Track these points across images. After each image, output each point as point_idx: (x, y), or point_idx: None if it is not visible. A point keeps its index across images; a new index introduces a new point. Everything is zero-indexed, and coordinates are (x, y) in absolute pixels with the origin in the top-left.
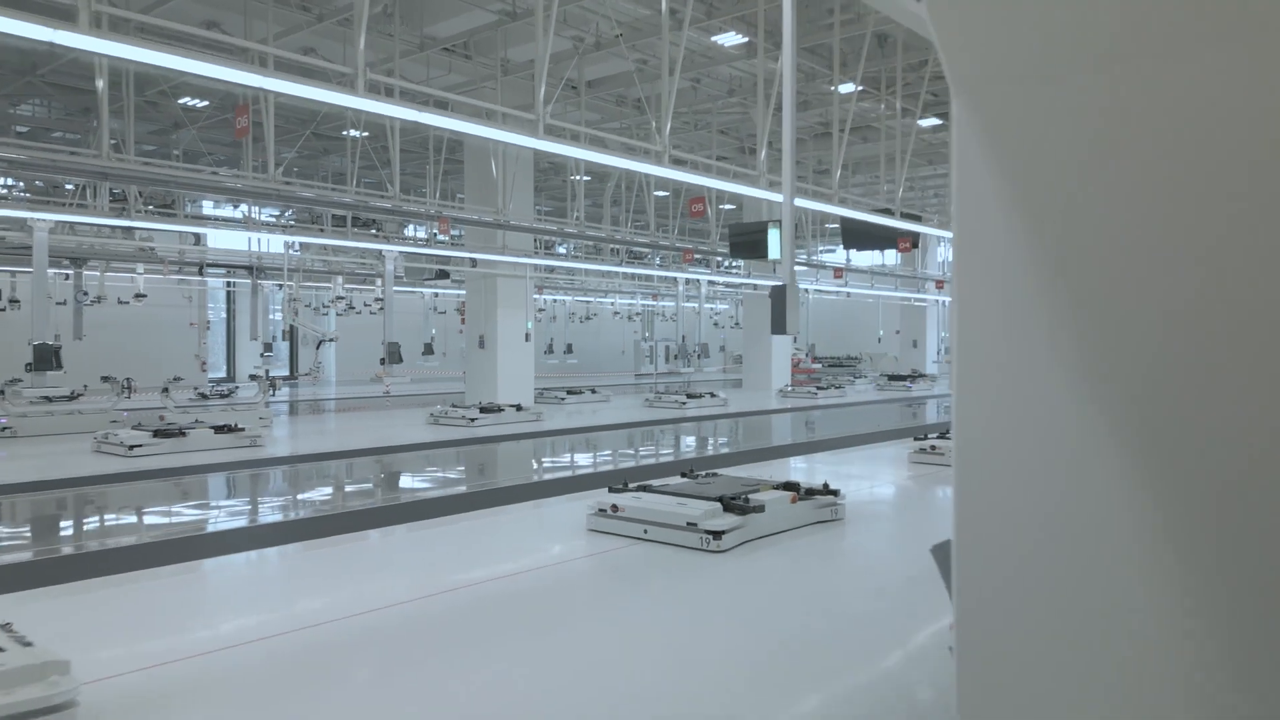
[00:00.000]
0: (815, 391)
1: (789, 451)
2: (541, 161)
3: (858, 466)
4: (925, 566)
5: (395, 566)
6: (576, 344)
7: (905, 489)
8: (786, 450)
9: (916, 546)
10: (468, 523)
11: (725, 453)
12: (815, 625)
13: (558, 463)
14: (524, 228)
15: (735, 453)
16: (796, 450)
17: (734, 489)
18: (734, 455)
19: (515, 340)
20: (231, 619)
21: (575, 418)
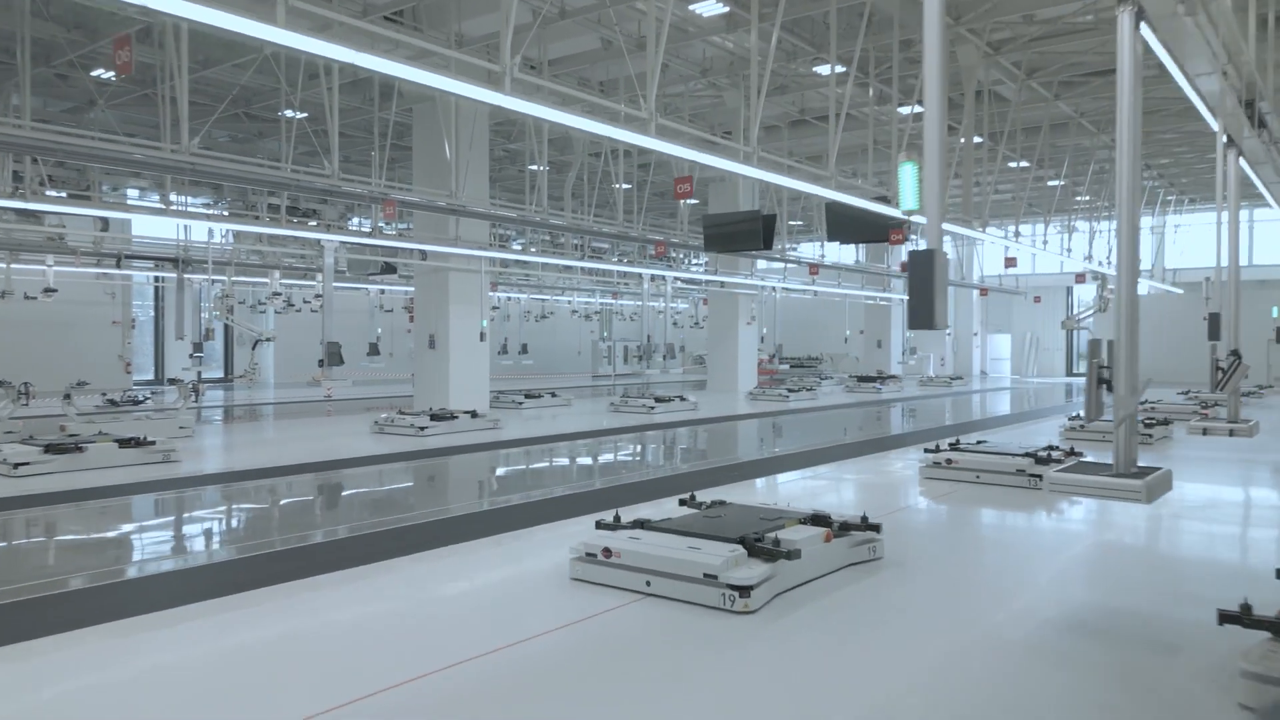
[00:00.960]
0: (786, 394)
1: (784, 465)
2: (496, 150)
3: (867, 483)
4: (1023, 638)
5: (289, 656)
6: (531, 344)
7: (935, 515)
8: (781, 463)
9: (991, 604)
10: (410, 569)
11: (714, 465)
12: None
13: (524, 482)
14: (479, 213)
15: (725, 466)
16: (791, 463)
17: (752, 523)
18: (726, 469)
19: (469, 340)
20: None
21: (537, 425)
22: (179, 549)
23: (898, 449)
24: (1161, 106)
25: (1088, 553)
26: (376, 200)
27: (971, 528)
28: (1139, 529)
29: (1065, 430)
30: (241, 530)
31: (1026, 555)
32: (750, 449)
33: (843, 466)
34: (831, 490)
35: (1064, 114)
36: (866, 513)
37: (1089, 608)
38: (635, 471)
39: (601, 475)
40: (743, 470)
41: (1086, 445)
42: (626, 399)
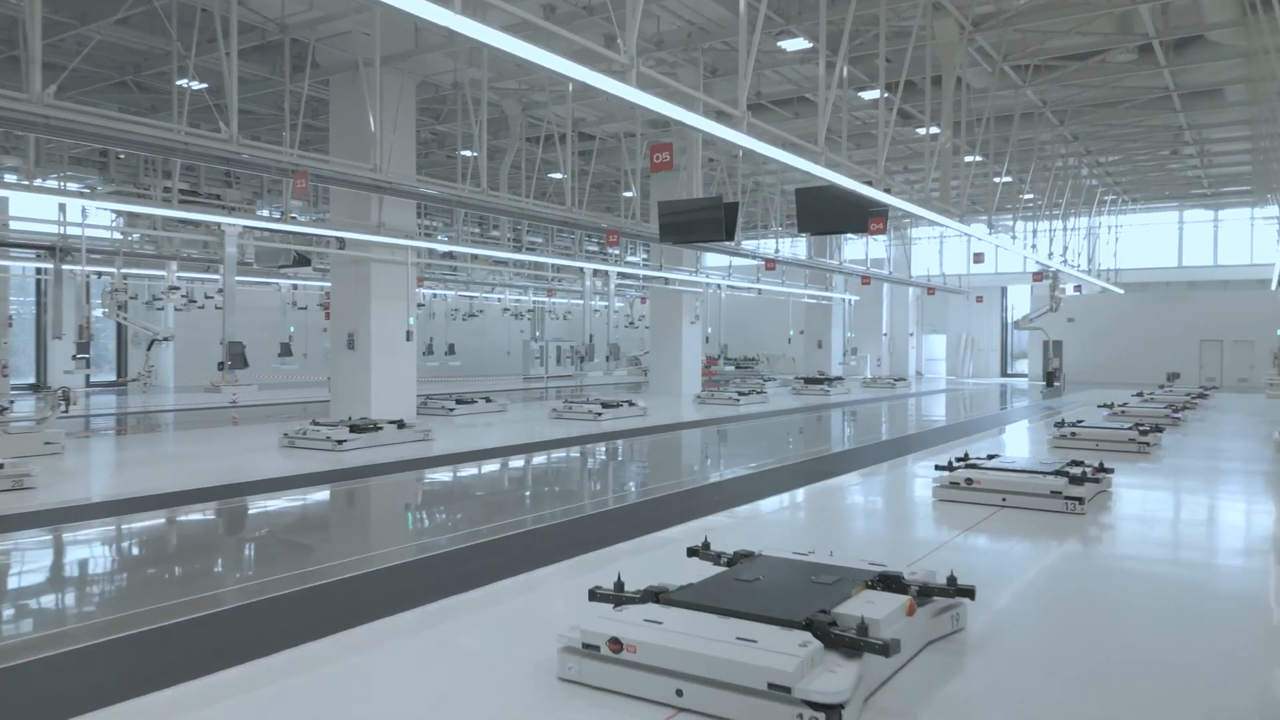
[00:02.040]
0: (736, 398)
1: (770, 484)
2: (423, 132)
3: (874, 510)
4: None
5: None
6: (458, 344)
7: (984, 554)
8: (767, 482)
9: (1164, 700)
10: (311, 673)
11: (693, 486)
12: None
13: (470, 515)
14: (407, 190)
15: (706, 486)
16: (777, 481)
17: (806, 589)
18: (708, 491)
19: (393, 340)
20: None
21: (472, 436)
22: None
23: (888, 461)
24: (1128, 97)
25: (1217, 606)
26: (285, 173)
27: (1041, 571)
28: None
29: (1055, 438)
30: (76, 599)
31: (1139, 611)
32: (723, 464)
33: (838, 487)
34: (839, 520)
35: (1027, 104)
36: (928, 567)
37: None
38: (603, 497)
39: (563, 503)
40: (726, 493)
41: (1089, 454)
42: (570, 405)
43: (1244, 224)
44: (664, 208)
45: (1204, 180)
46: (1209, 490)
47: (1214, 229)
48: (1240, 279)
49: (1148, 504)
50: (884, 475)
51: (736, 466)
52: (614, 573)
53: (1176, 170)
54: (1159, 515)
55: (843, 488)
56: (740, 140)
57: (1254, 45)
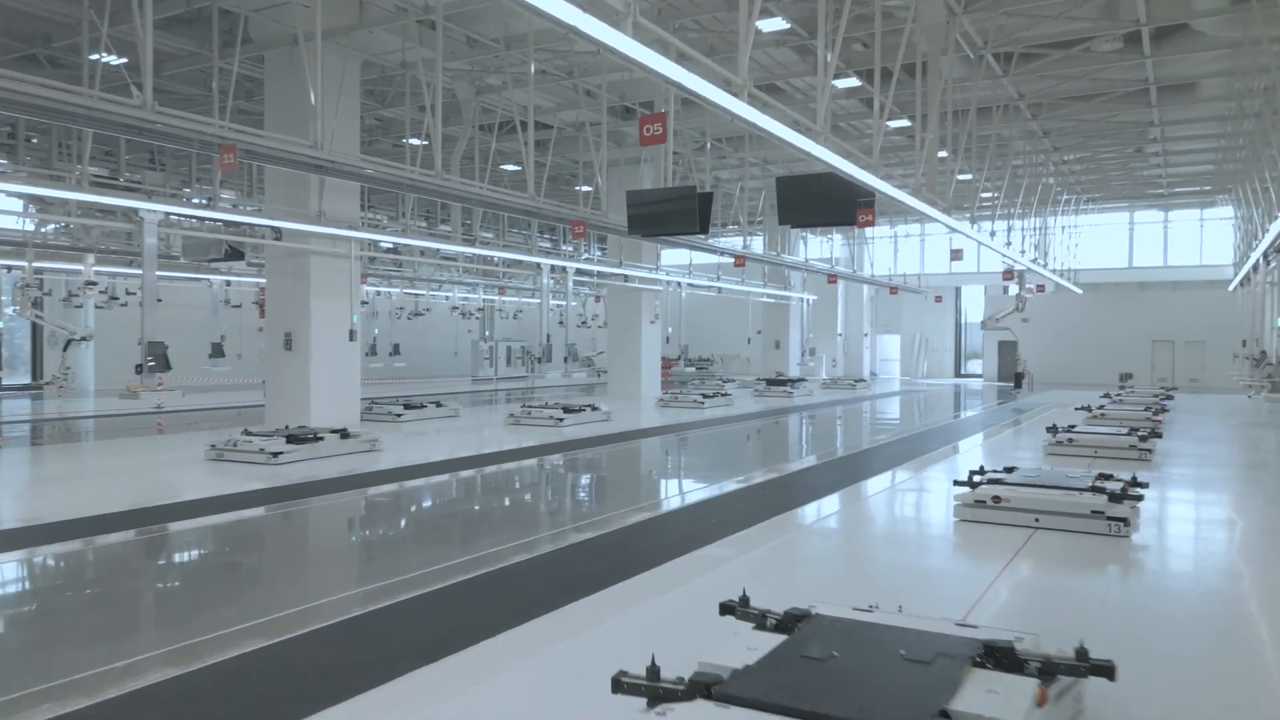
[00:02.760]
0: (701, 401)
1: (771, 501)
2: (367, 118)
3: (892, 537)
4: None
5: None
6: (403, 344)
7: (1049, 593)
8: (767, 499)
9: None
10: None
11: (683, 505)
12: None
13: (424, 554)
14: (352, 170)
15: (697, 505)
16: (775, 497)
17: (900, 673)
18: (701, 512)
19: (335, 340)
20: None
21: (424, 445)
22: None
23: (885, 473)
24: (1106, 89)
25: None
26: (210, 147)
27: (1127, 616)
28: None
29: (1050, 444)
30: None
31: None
32: (705, 478)
33: (845, 507)
34: (861, 550)
35: (1003, 96)
36: (992, 613)
37: None
38: (581, 521)
39: (535, 530)
40: (719, 513)
41: (1088, 461)
42: (528, 410)
43: (1193, 225)
44: (633, 198)
45: (1163, 180)
46: (1240, 505)
47: (1164, 230)
48: (1190, 280)
49: (1188, 522)
50: (891, 491)
51: (720, 480)
52: (616, 630)
53: (1138, 169)
54: (1211, 536)
55: (850, 507)
56: (744, 113)
57: (1244, 36)
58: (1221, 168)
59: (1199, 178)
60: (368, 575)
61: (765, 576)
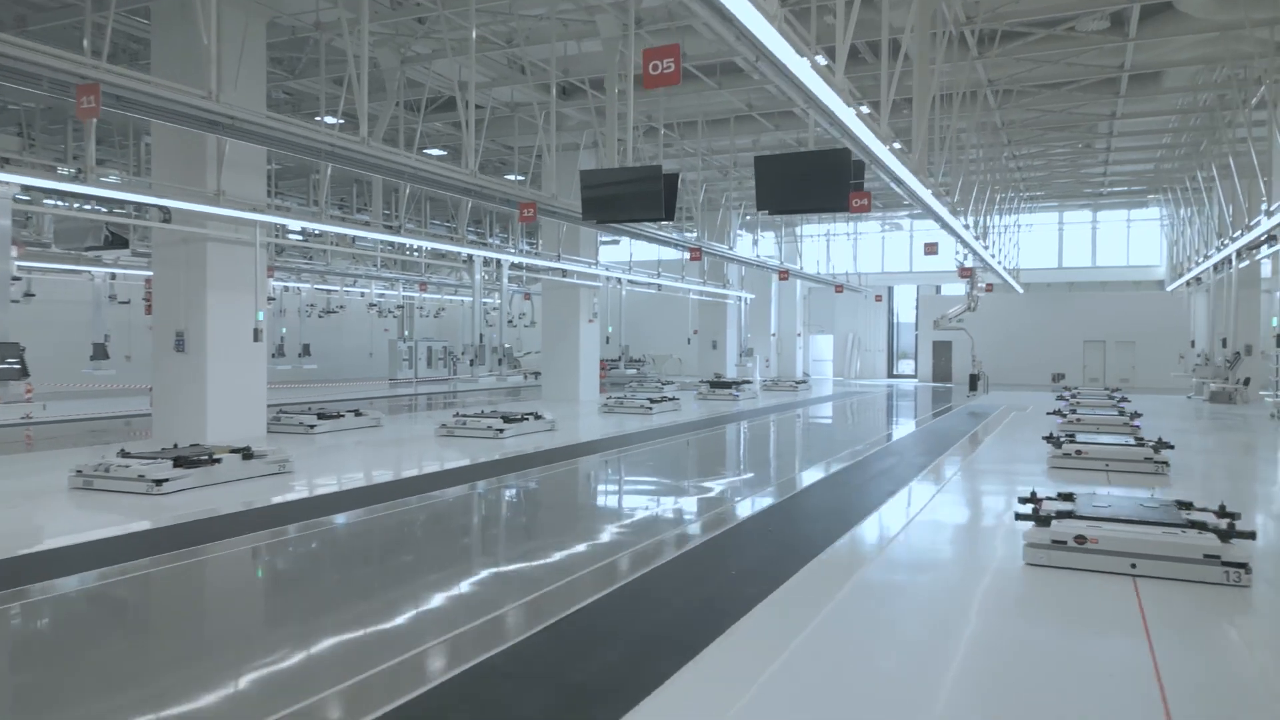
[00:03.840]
0: (648, 406)
1: (788, 543)
2: (274, 90)
3: (962, 591)
4: None
5: None
6: (313, 344)
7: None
8: (781, 541)
9: None
10: None
11: (678, 550)
12: None
13: (354, 642)
14: (256, 129)
15: (696, 550)
16: (787, 530)
17: None
18: (706, 560)
19: (237, 340)
20: None
21: (344, 465)
22: None
23: (895, 495)
24: (1078, 76)
25: None
26: (64, 88)
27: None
28: None
29: (1054, 457)
30: None
31: None
32: (684, 505)
33: (873, 547)
34: (936, 621)
35: (971, 81)
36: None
37: None
38: (558, 578)
39: (503, 595)
40: (724, 559)
41: (1099, 476)
42: (462, 419)
43: (1121, 226)
44: (589, 179)
45: (1104, 178)
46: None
47: (1092, 230)
48: (1118, 280)
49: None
50: (919, 524)
51: (709, 508)
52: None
53: (1086, 166)
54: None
55: (881, 548)
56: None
57: (1229, 19)
58: (1159, 167)
59: (1138, 177)
60: (261, 686)
61: (835, 689)
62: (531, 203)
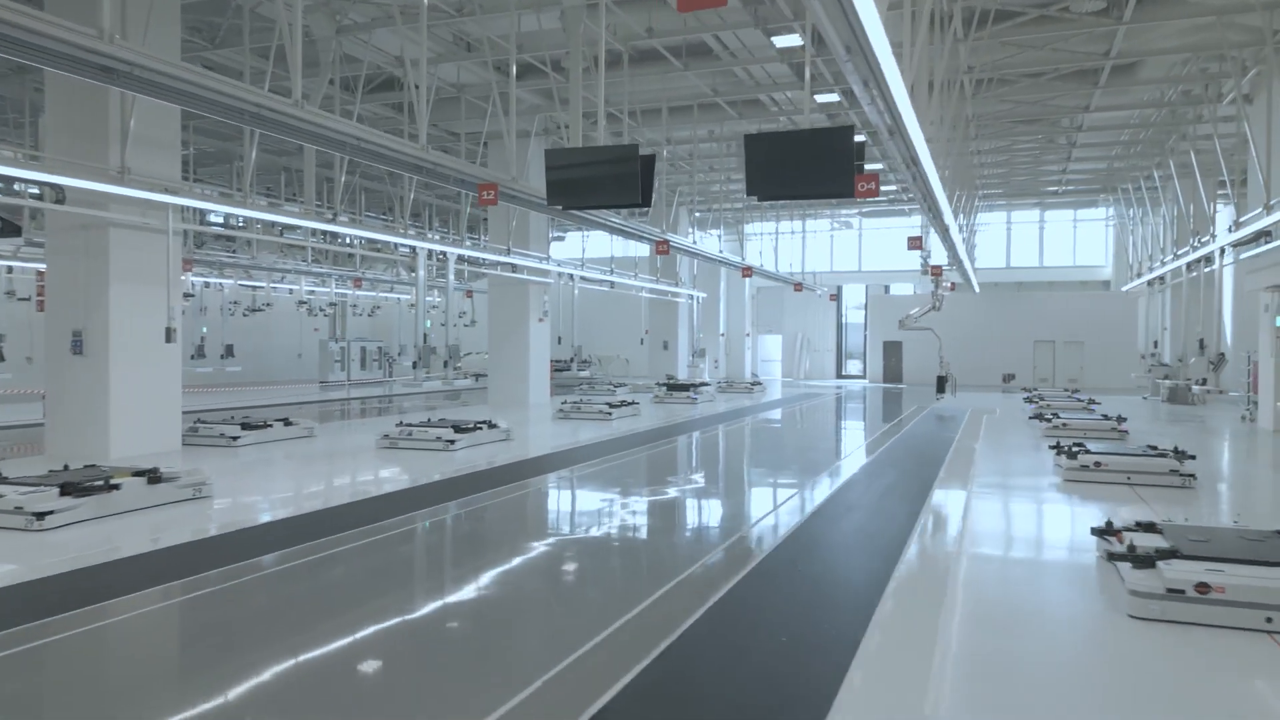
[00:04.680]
0: (607, 411)
1: (823, 595)
2: (186, 53)
3: (1080, 663)
4: None
5: None
6: (237, 344)
7: None
8: (816, 590)
9: None
10: None
11: (714, 596)
12: None
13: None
14: (164, 80)
15: (722, 606)
16: (825, 582)
17: None
18: (763, 621)
19: (146, 340)
20: None
21: (273, 488)
22: None
23: (921, 522)
24: (1063, 62)
25: None
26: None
27: None
28: None
29: (1069, 469)
30: None
31: None
32: (700, 541)
33: (935, 595)
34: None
35: (948, 68)
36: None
37: None
38: (569, 676)
39: (484, 696)
40: (780, 620)
41: (1122, 490)
42: (407, 429)
43: (1068, 226)
44: (555, 159)
45: (1063, 176)
46: None
47: (1039, 230)
48: (1065, 280)
49: None
50: (972, 561)
51: (712, 542)
52: None
53: (1048, 162)
54: None
55: (943, 593)
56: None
57: (1228, 1)
58: (1113, 165)
59: (1094, 175)
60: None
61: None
62: (493, 184)
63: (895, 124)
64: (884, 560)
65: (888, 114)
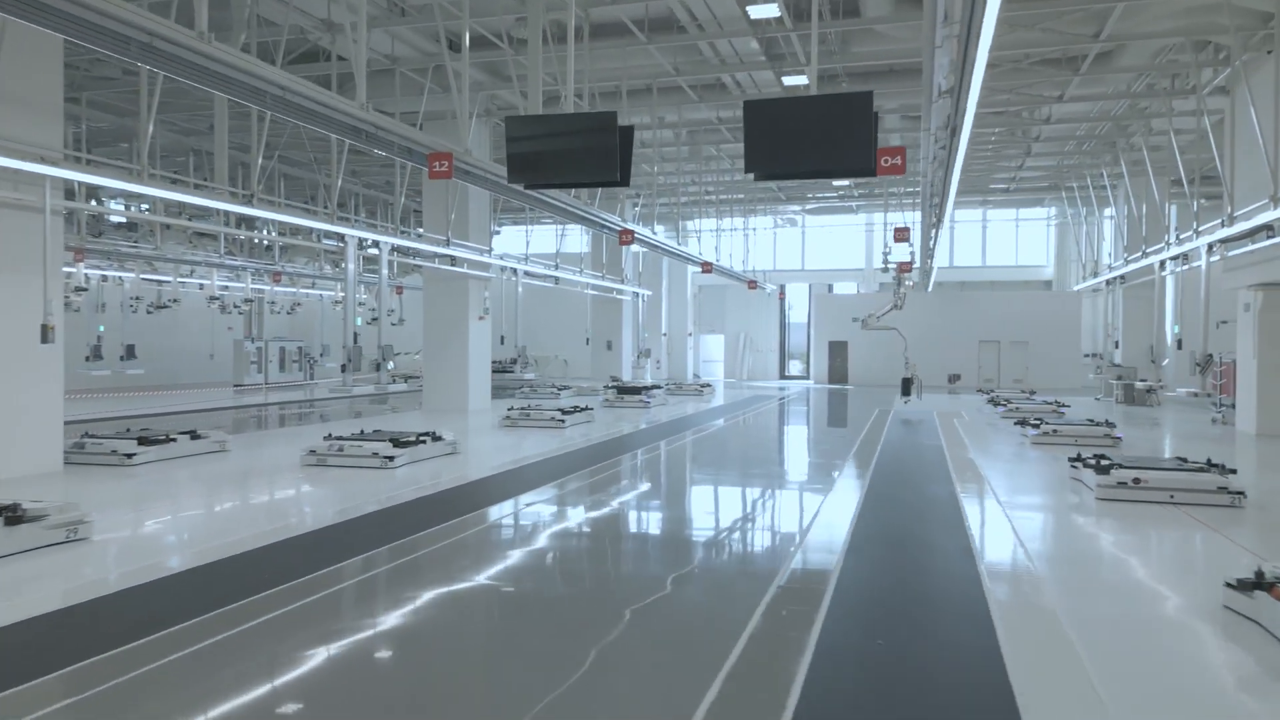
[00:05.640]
0: (560, 419)
1: (912, 698)
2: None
3: None
4: None
5: None
6: (141, 345)
7: None
8: (911, 688)
9: None
10: None
11: (751, 690)
12: None
13: None
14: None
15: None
16: (955, 693)
17: None
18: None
19: (17, 340)
20: None
21: (170, 527)
22: None
23: (987, 565)
24: (1049, 44)
25: None
26: None
27: None
28: None
29: (1101, 487)
30: None
31: None
32: (713, 596)
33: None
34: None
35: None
36: None
37: None
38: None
39: None
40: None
41: (1166, 510)
42: (337, 442)
43: (1010, 225)
44: (517, 128)
45: (1018, 171)
46: None
47: (983, 229)
48: (1007, 279)
49: None
50: (1091, 628)
51: (747, 600)
52: None
53: (1009, 155)
54: None
55: (1091, 693)
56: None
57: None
58: (1062, 163)
59: (1047, 173)
60: None
61: None
62: (446, 153)
63: (960, 82)
64: (974, 628)
65: (960, 67)
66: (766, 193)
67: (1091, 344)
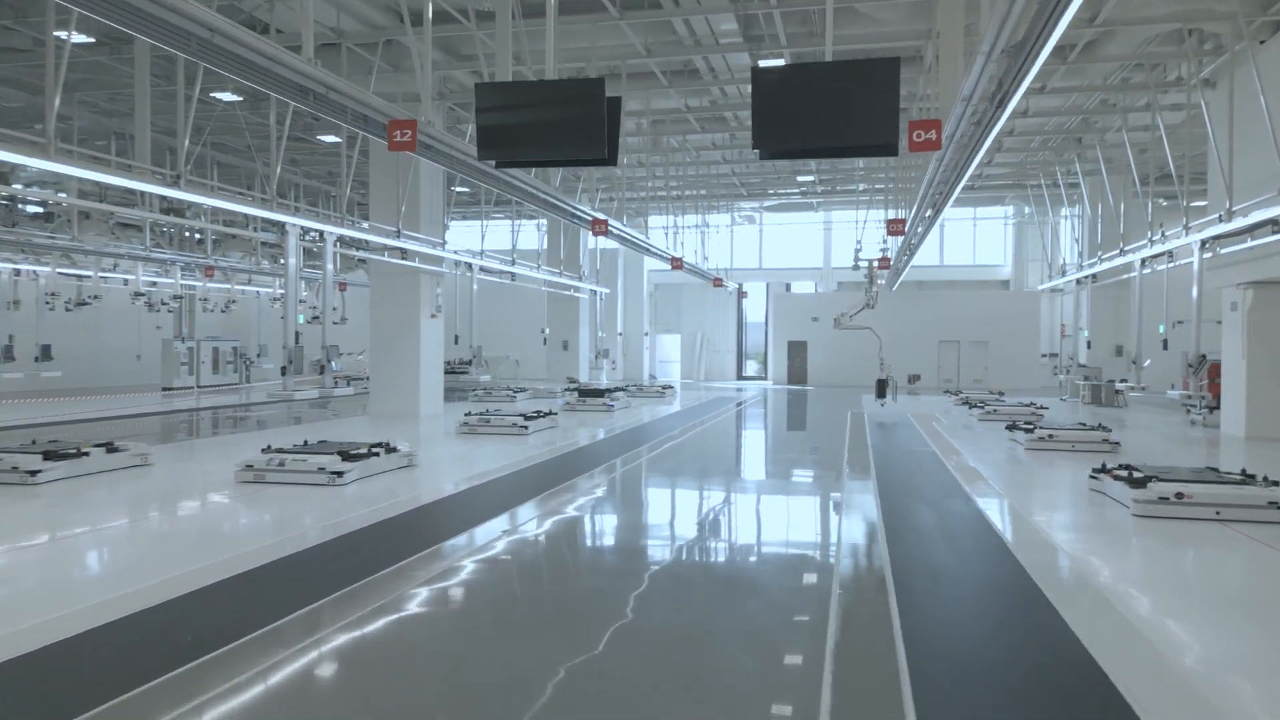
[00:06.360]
0: (523, 425)
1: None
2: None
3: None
4: None
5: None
6: (59, 345)
7: None
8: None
9: None
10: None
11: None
12: None
13: None
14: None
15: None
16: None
17: None
18: None
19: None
20: None
21: (76, 565)
22: None
23: (1066, 621)
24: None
25: None
26: None
27: None
28: None
29: (1139, 503)
30: None
31: None
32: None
33: None
34: None
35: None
36: None
37: None
38: None
39: None
40: None
41: (1213, 528)
42: (277, 455)
43: (967, 225)
44: (488, 96)
45: (982, 170)
46: None
47: (940, 228)
48: (965, 279)
49: None
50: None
51: (824, 686)
52: None
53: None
54: None
55: None
56: None
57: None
58: (1025, 161)
59: (1012, 170)
60: None
61: None
62: (410, 121)
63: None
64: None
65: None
66: (728, 188)
67: (1049, 344)
